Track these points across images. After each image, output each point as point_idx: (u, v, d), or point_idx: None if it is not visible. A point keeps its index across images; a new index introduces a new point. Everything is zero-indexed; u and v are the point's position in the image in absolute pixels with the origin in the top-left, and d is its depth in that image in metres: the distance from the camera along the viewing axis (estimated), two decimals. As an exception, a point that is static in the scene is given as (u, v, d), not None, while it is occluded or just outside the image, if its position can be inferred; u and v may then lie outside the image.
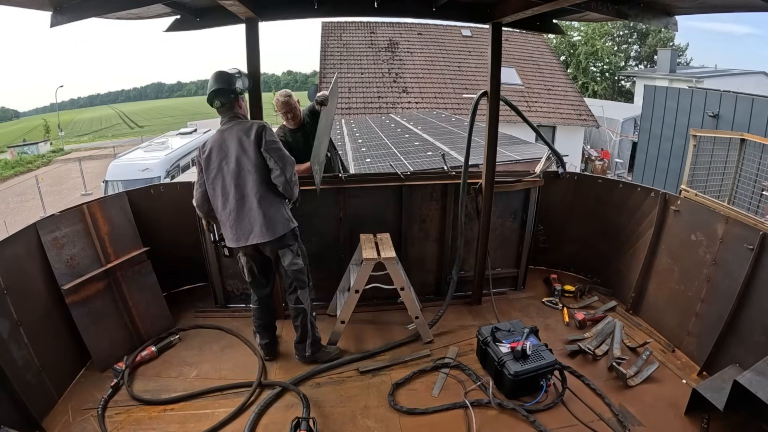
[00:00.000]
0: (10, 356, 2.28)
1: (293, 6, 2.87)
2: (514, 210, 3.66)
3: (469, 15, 3.11)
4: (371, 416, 2.47)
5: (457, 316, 3.42)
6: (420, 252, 3.63)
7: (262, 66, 2.88)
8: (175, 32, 2.89)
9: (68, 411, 2.48)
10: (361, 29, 19.08)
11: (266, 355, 2.93)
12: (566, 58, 33.36)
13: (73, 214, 2.87)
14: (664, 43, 30.77)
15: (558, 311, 3.51)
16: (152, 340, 3.06)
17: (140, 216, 3.25)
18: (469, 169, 3.32)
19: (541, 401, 2.52)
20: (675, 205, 3.15)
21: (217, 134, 2.61)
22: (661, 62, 22.62)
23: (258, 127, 2.54)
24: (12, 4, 2.09)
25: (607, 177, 4.02)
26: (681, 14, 2.72)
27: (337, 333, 3.02)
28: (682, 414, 2.42)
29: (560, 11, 2.92)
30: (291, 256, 2.67)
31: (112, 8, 2.32)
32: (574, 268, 4.08)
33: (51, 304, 2.66)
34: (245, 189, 2.54)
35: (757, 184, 5.31)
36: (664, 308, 3.17)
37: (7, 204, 15.96)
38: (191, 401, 2.57)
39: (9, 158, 26.25)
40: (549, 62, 19.00)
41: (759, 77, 18.85)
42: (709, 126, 10.38)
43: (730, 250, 2.70)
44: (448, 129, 10.39)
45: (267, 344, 2.94)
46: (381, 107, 15.96)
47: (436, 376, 2.78)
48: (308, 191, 3.31)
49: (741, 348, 2.55)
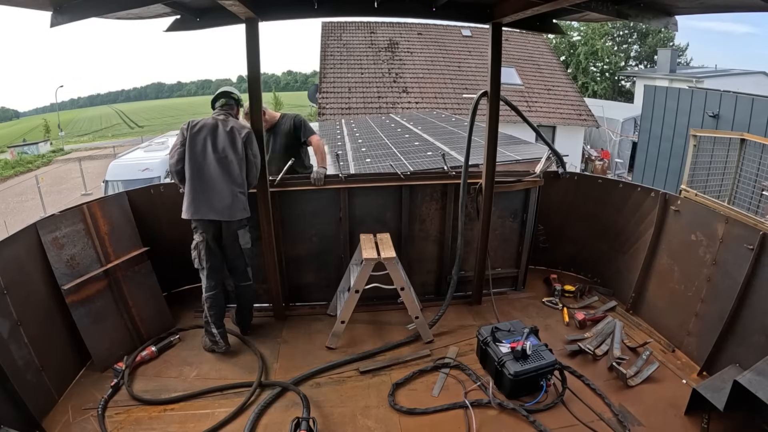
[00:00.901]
0: (10, 356, 2.28)
1: (293, 6, 2.87)
2: (514, 210, 3.66)
3: (469, 15, 3.11)
4: (371, 416, 2.47)
5: (457, 316, 3.42)
6: (420, 252, 3.63)
7: (262, 66, 2.88)
8: (175, 32, 2.89)
9: (68, 411, 2.48)
10: (361, 29, 19.07)
11: (226, 344, 2.98)
12: (566, 58, 33.34)
13: (73, 214, 2.87)
14: (664, 43, 30.76)
15: (558, 311, 3.51)
16: (152, 340, 3.06)
17: (140, 216, 3.25)
18: (469, 169, 3.32)
19: (541, 401, 2.52)
20: (675, 205, 3.15)
21: (212, 119, 2.88)
22: (661, 62, 22.62)
23: (248, 131, 2.90)
24: (12, 4, 2.09)
25: (607, 177, 4.02)
26: (681, 14, 2.71)
27: (337, 333, 3.02)
28: (682, 414, 2.42)
29: (560, 11, 2.92)
30: (248, 235, 3.02)
31: (112, 8, 2.32)
32: (574, 268, 4.08)
33: (51, 304, 2.66)
34: (223, 173, 2.80)
35: (757, 184, 5.30)
36: (664, 308, 3.17)
37: (7, 204, 15.95)
38: (191, 401, 2.57)
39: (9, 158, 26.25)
40: (549, 62, 18.98)
41: (759, 77, 18.84)
42: (709, 126, 10.37)
43: (730, 250, 2.70)
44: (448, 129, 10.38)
45: (223, 332, 2.98)
46: (381, 107, 15.94)
47: (436, 376, 2.78)
48: (308, 191, 3.32)
49: (741, 348, 2.55)
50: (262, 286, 3.47)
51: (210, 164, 2.79)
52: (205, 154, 2.79)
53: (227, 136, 2.81)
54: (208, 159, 2.79)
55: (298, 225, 3.41)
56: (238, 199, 2.85)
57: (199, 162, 2.79)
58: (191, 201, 2.80)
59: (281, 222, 3.35)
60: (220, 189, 2.80)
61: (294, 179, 3.34)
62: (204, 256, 2.88)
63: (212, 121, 2.85)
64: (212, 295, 2.90)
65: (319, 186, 3.29)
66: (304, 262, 3.52)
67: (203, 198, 2.79)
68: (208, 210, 2.80)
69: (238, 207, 2.85)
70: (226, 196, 2.81)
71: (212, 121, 2.86)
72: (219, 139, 2.81)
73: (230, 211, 2.82)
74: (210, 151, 2.79)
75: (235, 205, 2.84)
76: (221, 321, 2.97)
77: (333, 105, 15.83)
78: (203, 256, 2.88)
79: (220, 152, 2.79)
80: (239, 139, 2.82)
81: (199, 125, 2.83)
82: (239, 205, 2.86)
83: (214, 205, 2.80)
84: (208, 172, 2.79)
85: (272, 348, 3.06)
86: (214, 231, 2.89)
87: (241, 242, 2.98)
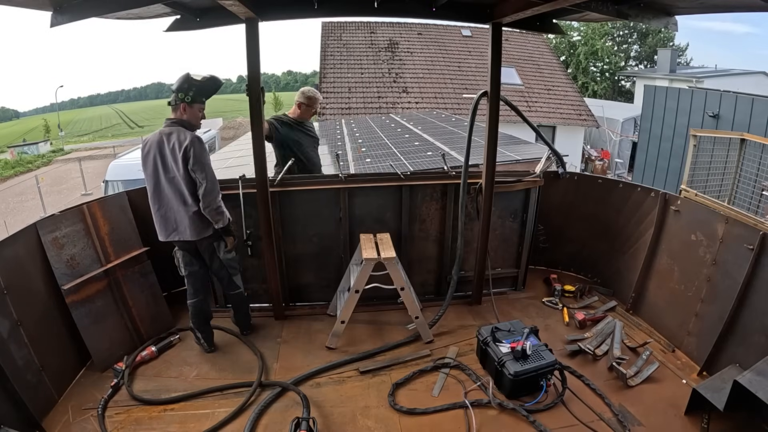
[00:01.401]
0: (10, 356, 2.28)
1: (293, 6, 2.87)
2: (514, 210, 3.66)
3: (469, 15, 3.10)
4: (371, 416, 2.47)
5: (457, 316, 3.42)
6: (420, 252, 3.63)
7: (262, 66, 2.88)
8: (175, 32, 2.89)
9: (68, 411, 2.48)
10: (361, 29, 19.08)
11: (210, 347, 3.00)
12: (566, 58, 33.34)
13: (73, 214, 2.87)
14: (664, 43, 30.77)
15: (558, 311, 3.51)
16: (152, 340, 3.06)
17: (140, 216, 3.24)
18: (469, 169, 3.32)
19: (541, 401, 2.52)
20: (675, 205, 3.15)
21: (158, 135, 2.65)
22: (661, 62, 22.64)
23: (188, 144, 2.55)
24: (12, 4, 2.09)
25: (607, 177, 4.02)
26: (681, 14, 2.71)
27: (337, 333, 3.02)
28: (682, 414, 2.42)
29: (560, 11, 2.92)
30: (225, 246, 2.88)
31: (112, 8, 2.31)
32: (574, 268, 4.08)
33: (51, 304, 2.65)
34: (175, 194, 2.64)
35: (757, 184, 5.30)
36: (664, 308, 3.17)
37: (7, 204, 15.95)
38: (191, 401, 2.57)
39: (9, 158, 26.27)
40: (549, 62, 18.99)
41: (759, 77, 18.86)
42: (709, 126, 10.37)
43: (730, 250, 2.70)
44: (448, 129, 10.39)
45: (207, 336, 3.00)
46: (381, 107, 15.96)
47: (436, 376, 2.78)
48: (308, 191, 3.32)
49: (741, 348, 2.55)
50: (262, 286, 3.48)
51: (164, 186, 2.64)
52: (157, 175, 2.63)
53: (171, 154, 2.58)
54: (161, 180, 2.63)
55: (298, 225, 3.41)
56: (197, 218, 2.68)
57: (153, 184, 2.65)
58: (156, 224, 2.72)
59: (281, 222, 3.35)
60: (177, 210, 2.66)
61: (294, 179, 3.34)
62: (181, 264, 2.87)
63: (158, 137, 2.62)
64: (194, 302, 2.89)
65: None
66: (304, 262, 3.52)
67: (165, 221, 2.70)
68: (173, 232, 2.71)
69: (200, 226, 2.71)
70: (183, 217, 2.67)
71: (158, 137, 2.62)
72: (166, 157, 2.60)
73: (193, 231, 2.70)
74: (161, 171, 2.61)
75: (195, 226, 2.69)
76: (205, 325, 2.99)
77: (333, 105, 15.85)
78: (181, 264, 2.87)
79: (170, 171, 2.60)
80: (179, 156, 2.55)
81: (148, 145, 2.64)
82: (200, 224, 2.70)
83: (176, 226, 2.69)
84: (164, 194, 2.65)
85: (272, 348, 3.06)
86: (188, 247, 2.82)
87: (220, 255, 2.87)
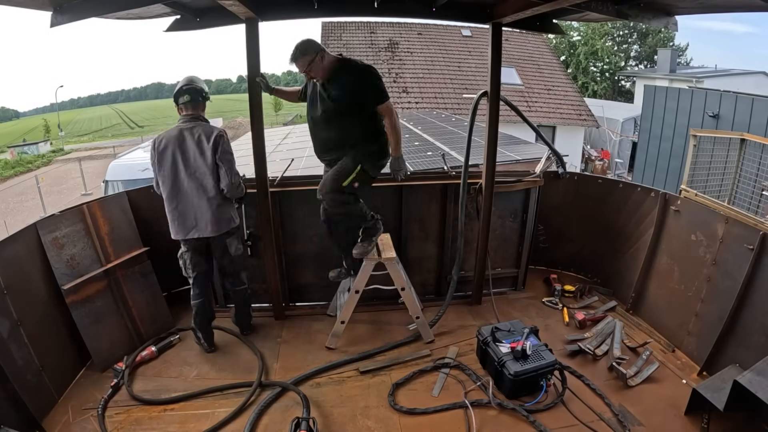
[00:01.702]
0: (10, 356, 2.28)
1: (293, 6, 2.87)
2: (514, 210, 3.66)
3: (469, 15, 3.11)
4: (371, 416, 2.47)
5: (457, 316, 3.42)
6: (420, 252, 3.63)
7: (262, 66, 2.87)
8: (175, 32, 2.89)
9: (68, 411, 2.48)
10: (361, 29, 19.06)
11: (209, 347, 3.01)
12: (566, 58, 33.34)
13: (73, 214, 2.87)
14: (664, 43, 30.76)
15: (558, 311, 3.51)
16: (152, 340, 3.06)
17: (140, 216, 3.25)
18: (469, 169, 3.32)
19: (541, 401, 2.52)
20: (675, 205, 3.15)
21: (176, 130, 2.68)
22: (661, 62, 22.62)
23: (217, 134, 2.68)
24: (12, 4, 2.09)
25: (607, 177, 4.02)
26: (681, 14, 2.71)
27: (337, 333, 3.02)
28: (682, 414, 2.42)
29: (560, 11, 2.92)
30: (236, 242, 2.94)
31: (112, 8, 2.31)
32: (574, 268, 4.08)
33: (51, 304, 2.65)
34: (198, 188, 2.68)
35: (757, 184, 5.31)
36: (664, 308, 3.16)
37: (7, 204, 15.96)
38: (191, 401, 2.57)
39: (9, 158, 26.28)
40: (549, 62, 18.97)
41: (759, 77, 18.84)
42: (709, 126, 10.37)
43: (730, 250, 2.70)
44: (448, 129, 10.39)
45: (208, 336, 3.01)
46: (381, 107, 15.92)
47: (436, 376, 2.78)
48: (308, 191, 3.32)
49: (741, 348, 2.55)
50: (262, 286, 3.47)
51: (183, 181, 2.65)
52: (176, 171, 2.65)
53: (196, 146, 2.63)
54: (180, 176, 2.65)
55: (298, 225, 3.41)
56: (220, 211, 2.73)
57: (171, 181, 2.66)
58: (172, 222, 2.73)
59: (281, 222, 3.35)
60: (198, 205, 2.68)
61: (294, 179, 3.34)
62: (189, 266, 2.87)
63: (176, 132, 2.65)
64: (198, 303, 2.91)
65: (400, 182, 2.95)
66: (304, 262, 3.52)
67: (183, 218, 2.71)
68: (192, 229, 2.73)
69: (221, 220, 2.75)
70: (205, 211, 2.69)
71: (176, 132, 2.66)
72: (189, 151, 2.64)
73: (214, 226, 2.73)
74: (181, 166, 2.64)
75: (217, 219, 2.73)
76: (206, 326, 2.99)
77: (333, 105, 15.80)
78: (188, 265, 2.87)
79: (192, 165, 2.64)
80: (207, 146, 2.62)
81: (164, 141, 2.66)
82: (222, 217, 2.76)
83: (196, 223, 2.72)
84: (183, 190, 2.67)
85: (272, 348, 3.06)
86: (201, 246, 2.84)
87: (231, 250, 2.91)
